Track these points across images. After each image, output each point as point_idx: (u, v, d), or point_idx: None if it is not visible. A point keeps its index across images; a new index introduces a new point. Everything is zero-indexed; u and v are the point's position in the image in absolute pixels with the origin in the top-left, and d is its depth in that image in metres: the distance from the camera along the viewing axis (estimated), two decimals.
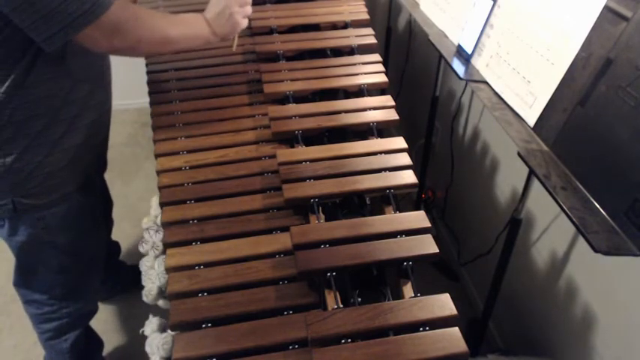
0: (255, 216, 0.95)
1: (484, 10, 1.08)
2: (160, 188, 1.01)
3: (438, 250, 0.83)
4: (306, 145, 1.09)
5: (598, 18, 0.78)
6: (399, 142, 1.06)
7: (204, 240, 0.90)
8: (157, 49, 1.01)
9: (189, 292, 0.82)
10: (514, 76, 0.97)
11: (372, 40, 1.39)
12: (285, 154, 1.04)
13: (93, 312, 1.37)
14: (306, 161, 1.02)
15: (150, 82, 1.28)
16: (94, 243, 1.25)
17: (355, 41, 1.38)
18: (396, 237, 0.86)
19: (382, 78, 1.27)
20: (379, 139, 1.10)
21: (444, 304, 0.76)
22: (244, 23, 1.07)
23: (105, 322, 1.64)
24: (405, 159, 1.02)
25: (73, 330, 1.30)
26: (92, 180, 1.18)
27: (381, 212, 0.95)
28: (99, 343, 1.47)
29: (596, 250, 0.69)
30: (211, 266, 0.86)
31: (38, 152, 0.96)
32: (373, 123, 1.13)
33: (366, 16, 1.47)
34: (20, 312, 1.37)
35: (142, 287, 1.04)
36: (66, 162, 1.02)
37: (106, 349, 1.52)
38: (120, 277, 1.68)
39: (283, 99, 1.23)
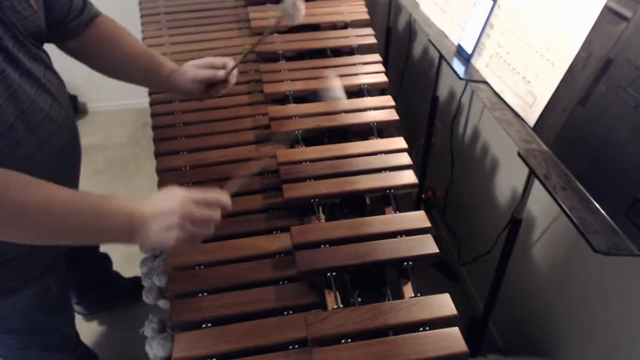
0: (255, 216, 0.95)
1: (484, 10, 1.08)
2: (160, 188, 1.01)
3: (438, 250, 0.83)
4: (306, 145, 1.09)
5: (598, 18, 0.78)
6: (399, 142, 1.07)
7: (205, 240, 0.90)
8: (34, 242, 0.70)
9: (189, 292, 0.82)
10: (514, 76, 0.97)
11: (372, 40, 1.40)
12: (285, 154, 1.04)
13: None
14: (306, 161, 1.02)
15: None
16: (61, 318, 1.11)
17: (355, 41, 1.38)
18: (396, 237, 0.86)
19: (382, 78, 1.27)
20: (379, 139, 1.10)
21: (444, 304, 0.76)
22: (186, 246, 0.72)
23: (105, 322, 1.64)
24: (405, 159, 1.02)
25: None
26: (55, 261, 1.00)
27: (381, 212, 0.95)
28: (93, 358, 1.39)
29: (596, 250, 0.68)
30: (211, 266, 0.86)
31: None
32: (373, 123, 1.13)
33: (366, 16, 1.48)
34: None
35: (138, 300, 1.03)
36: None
37: (106, 350, 1.52)
38: (112, 291, 1.61)
39: (283, 99, 1.23)
